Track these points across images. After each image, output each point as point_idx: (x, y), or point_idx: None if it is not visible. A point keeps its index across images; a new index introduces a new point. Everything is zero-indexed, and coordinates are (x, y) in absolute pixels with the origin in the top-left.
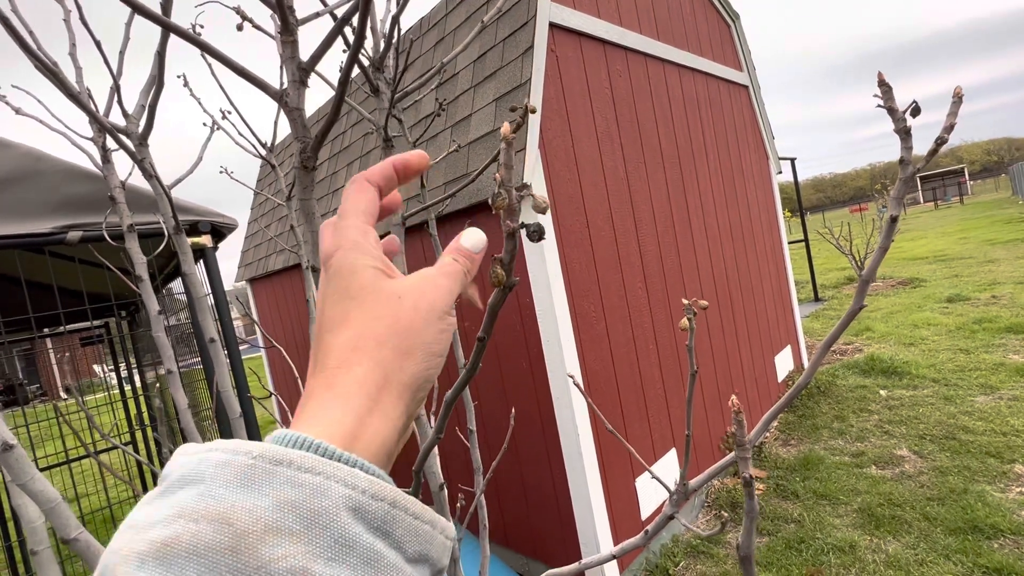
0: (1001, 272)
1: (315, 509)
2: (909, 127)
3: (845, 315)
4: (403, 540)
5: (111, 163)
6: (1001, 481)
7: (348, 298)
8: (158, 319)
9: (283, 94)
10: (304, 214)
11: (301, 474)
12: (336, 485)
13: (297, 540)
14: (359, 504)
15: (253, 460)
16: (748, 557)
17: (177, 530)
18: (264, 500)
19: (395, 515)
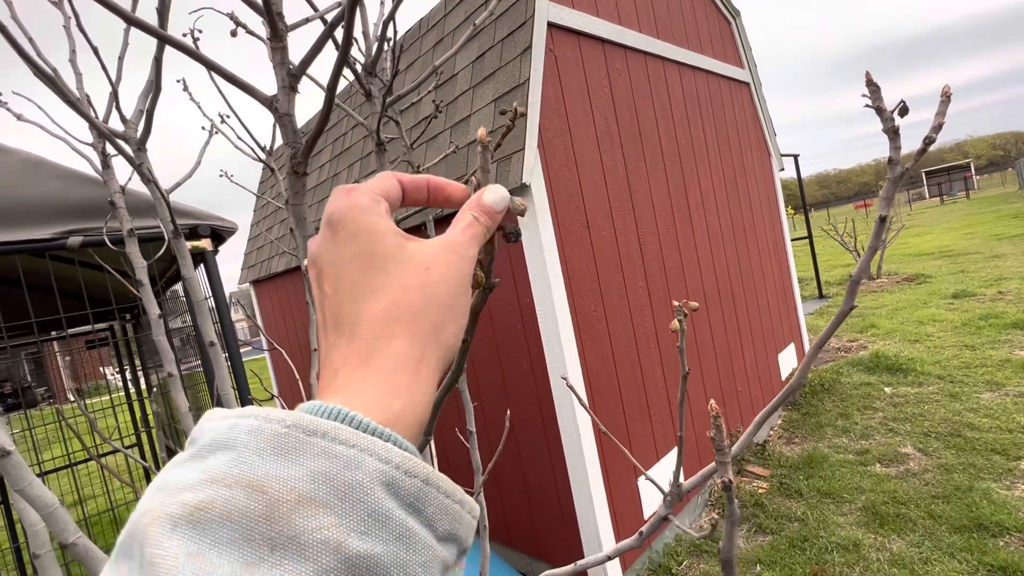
0: (1008, 267)
1: (349, 482)
2: (897, 127)
3: (835, 316)
4: (434, 518)
5: (111, 168)
6: (1007, 478)
7: (373, 265)
8: (158, 323)
9: (273, 100)
10: (296, 219)
11: (336, 446)
12: (370, 459)
13: (331, 512)
14: (393, 479)
15: (287, 429)
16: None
17: (211, 495)
18: (298, 470)
19: (428, 492)
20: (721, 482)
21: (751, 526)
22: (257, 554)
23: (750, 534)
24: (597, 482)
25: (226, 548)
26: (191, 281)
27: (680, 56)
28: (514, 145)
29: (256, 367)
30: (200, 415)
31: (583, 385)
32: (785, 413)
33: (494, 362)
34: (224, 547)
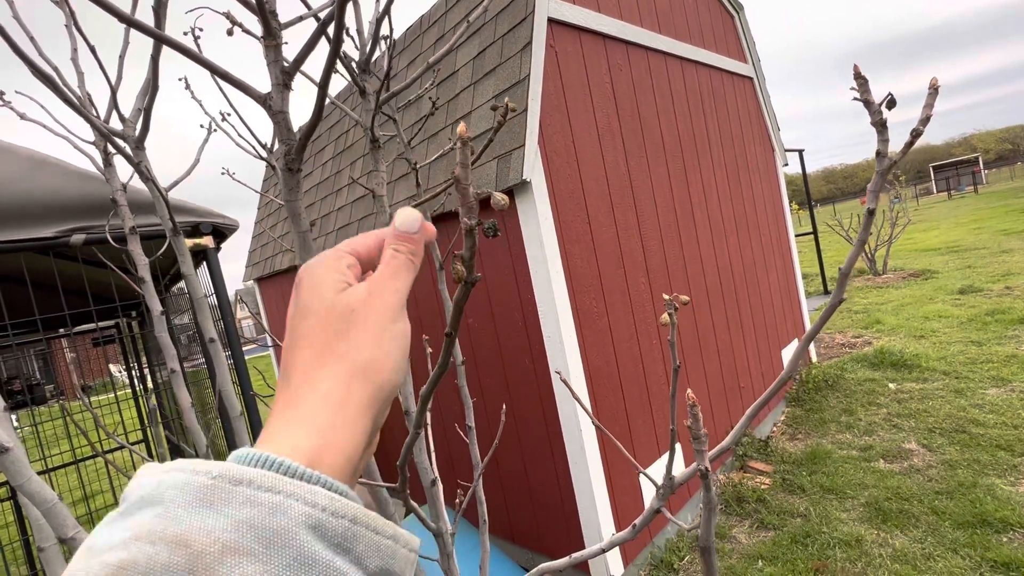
0: (1016, 263)
1: (274, 528)
2: (885, 120)
3: (825, 309)
4: (364, 556)
5: (112, 166)
6: (1011, 475)
7: (309, 313)
8: (161, 319)
9: (267, 97)
10: (291, 215)
11: (260, 493)
12: (295, 503)
13: (255, 560)
14: (319, 522)
15: (212, 480)
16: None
17: (133, 553)
18: (222, 520)
19: (356, 531)
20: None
21: (753, 522)
22: None
23: (752, 530)
24: (598, 477)
25: None
26: (191, 278)
27: (682, 51)
28: (514, 141)
29: (261, 364)
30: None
31: (584, 381)
32: (788, 409)
33: (496, 358)
34: None
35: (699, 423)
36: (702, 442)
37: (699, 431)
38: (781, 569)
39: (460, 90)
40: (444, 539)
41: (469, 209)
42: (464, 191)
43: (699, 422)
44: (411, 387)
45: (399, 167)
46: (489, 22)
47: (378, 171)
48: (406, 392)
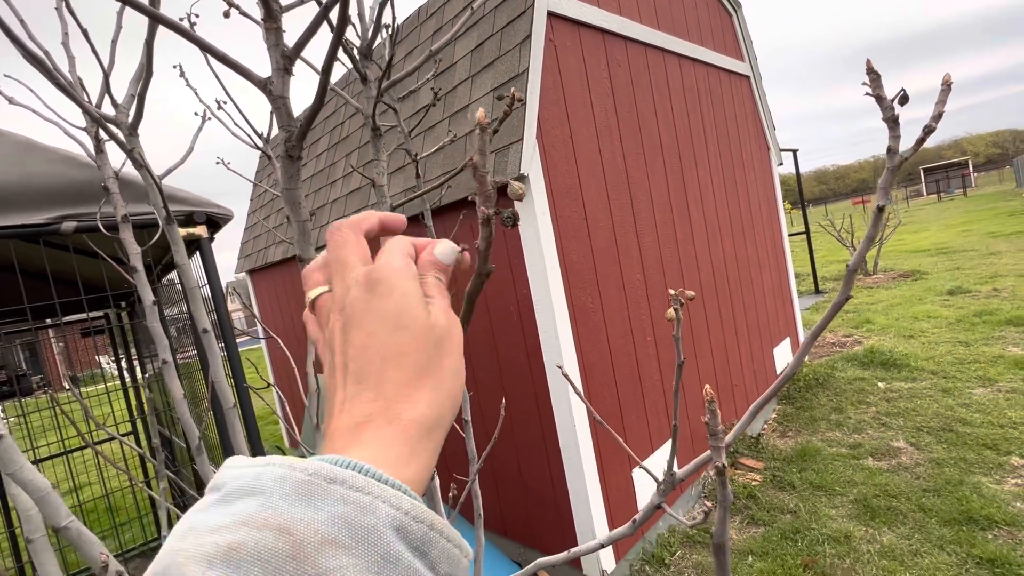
0: (1003, 265)
1: (364, 525)
2: (897, 116)
3: (832, 305)
4: (437, 561)
5: (104, 153)
6: (997, 473)
7: (402, 328)
8: (152, 309)
9: (267, 82)
10: (290, 204)
11: (352, 492)
12: (383, 505)
13: (349, 553)
14: (402, 524)
15: (309, 476)
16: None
17: (242, 536)
18: (320, 514)
19: (432, 537)
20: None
21: (744, 518)
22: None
23: (743, 526)
24: (592, 473)
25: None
26: (184, 268)
27: (680, 48)
28: (512, 135)
29: (253, 356)
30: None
31: (579, 377)
32: (779, 407)
33: (491, 353)
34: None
35: (717, 419)
36: (719, 438)
37: (717, 427)
38: (771, 564)
39: (458, 82)
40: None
41: (487, 198)
42: (482, 179)
43: (717, 418)
44: None
45: (395, 159)
46: (488, 15)
47: (379, 160)
48: None
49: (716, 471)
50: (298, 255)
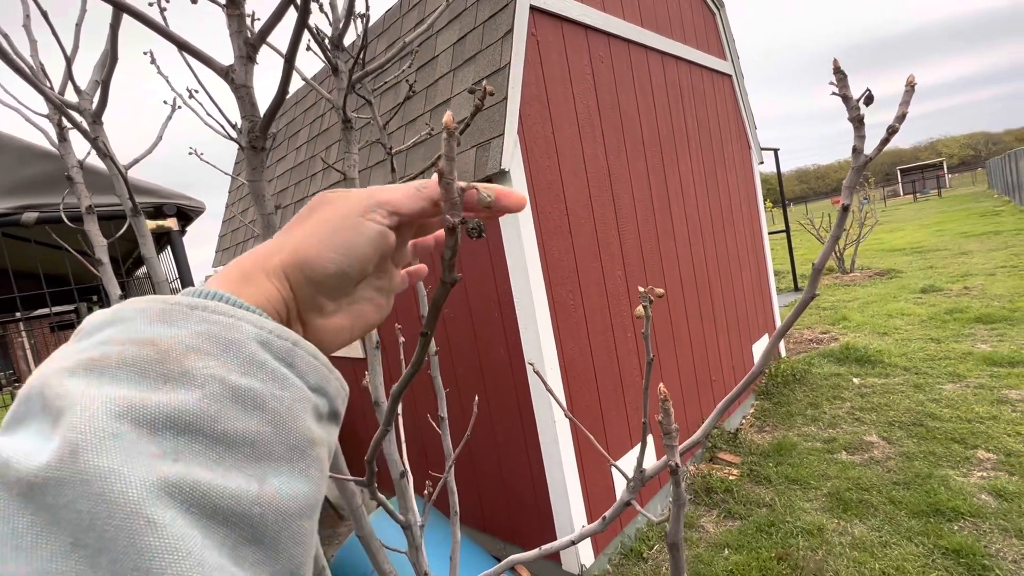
0: (974, 264)
1: (228, 339)
2: (862, 115)
3: (798, 304)
4: (305, 371)
5: (68, 141)
6: (964, 466)
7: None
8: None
9: (229, 70)
10: (255, 196)
11: (214, 315)
12: (246, 324)
13: (214, 358)
14: (266, 339)
15: (171, 306)
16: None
17: (104, 351)
18: (183, 331)
19: (297, 351)
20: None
21: (721, 512)
22: (153, 385)
23: (719, 519)
24: (571, 469)
25: (124, 382)
26: (151, 261)
27: (663, 45)
28: (493, 130)
29: None
30: None
31: (559, 373)
32: (757, 402)
33: (471, 349)
34: (122, 382)
35: (670, 418)
36: (672, 437)
37: (670, 426)
38: (746, 557)
39: (440, 76)
40: (413, 531)
41: (452, 206)
42: (448, 186)
43: (670, 417)
44: (381, 378)
45: (376, 153)
46: (470, 7)
47: (350, 153)
48: (376, 383)
49: (670, 470)
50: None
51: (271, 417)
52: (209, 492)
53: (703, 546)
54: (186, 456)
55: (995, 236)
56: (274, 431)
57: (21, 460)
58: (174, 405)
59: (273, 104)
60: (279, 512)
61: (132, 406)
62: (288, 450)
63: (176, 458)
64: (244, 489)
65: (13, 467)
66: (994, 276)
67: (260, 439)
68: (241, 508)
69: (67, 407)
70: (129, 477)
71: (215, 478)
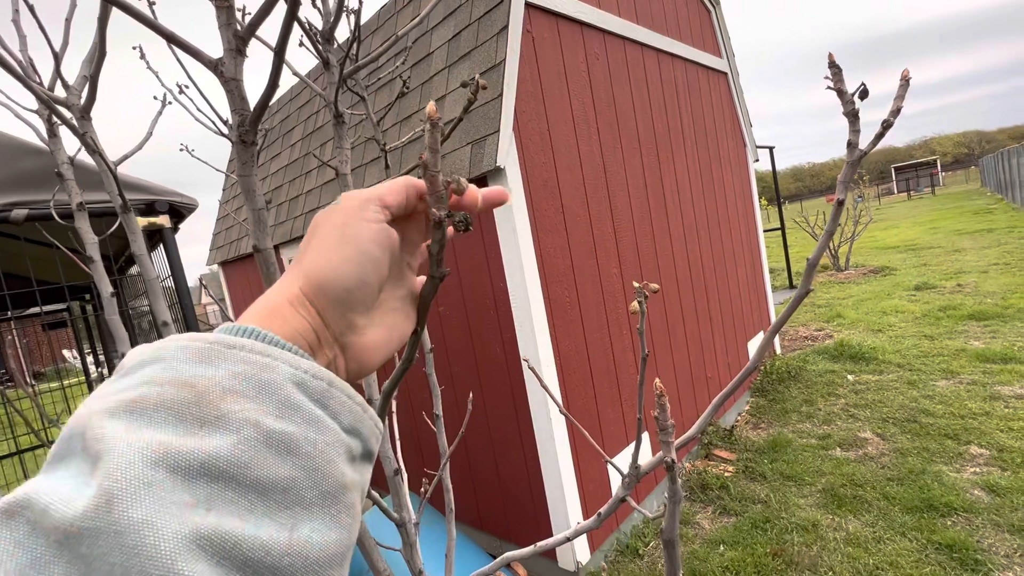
0: (967, 261)
1: (264, 380)
2: (857, 110)
3: (792, 299)
4: (338, 412)
5: (58, 137)
6: (957, 462)
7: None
8: (111, 302)
9: (219, 63)
10: (245, 192)
11: (252, 355)
12: (282, 364)
13: (250, 400)
14: (302, 380)
15: (209, 345)
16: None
17: (144, 391)
18: (221, 371)
19: (332, 392)
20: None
21: (716, 508)
22: (189, 429)
23: (715, 516)
24: (567, 466)
25: (161, 425)
26: (142, 258)
27: (659, 43)
28: (489, 127)
29: None
30: None
31: (555, 370)
32: (753, 399)
33: (467, 346)
34: (159, 425)
35: (666, 413)
36: (668, 433)
37: (666, 422)
38: (741, 553)
39: (435, 73)
40: (407, 529)
41: (438, 199)
42: (433, 179)
43: (666, 412)
44: (375, 375)
45: (371, 150)
46: (465, 3)
47: (342, 148)
48: (370, 380)
49: (666, 466)
50: (254, 244)
51: (304, 462)
52: (240, 543)
53: (699, 542)
54: (218, 505)
55: (988, 234)
56: (307, 476)
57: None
58: (208, 451)
59: (263, 98)
60: (308, 561)
61: (168, 452)
62: (320, 496)
63: (209, 507)
64: (275, 539)
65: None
66: (987, 273)
67: (293, 485)
68: (271, 559)
69: (105, 451)
70: (162, 529)
71: (246, 528)
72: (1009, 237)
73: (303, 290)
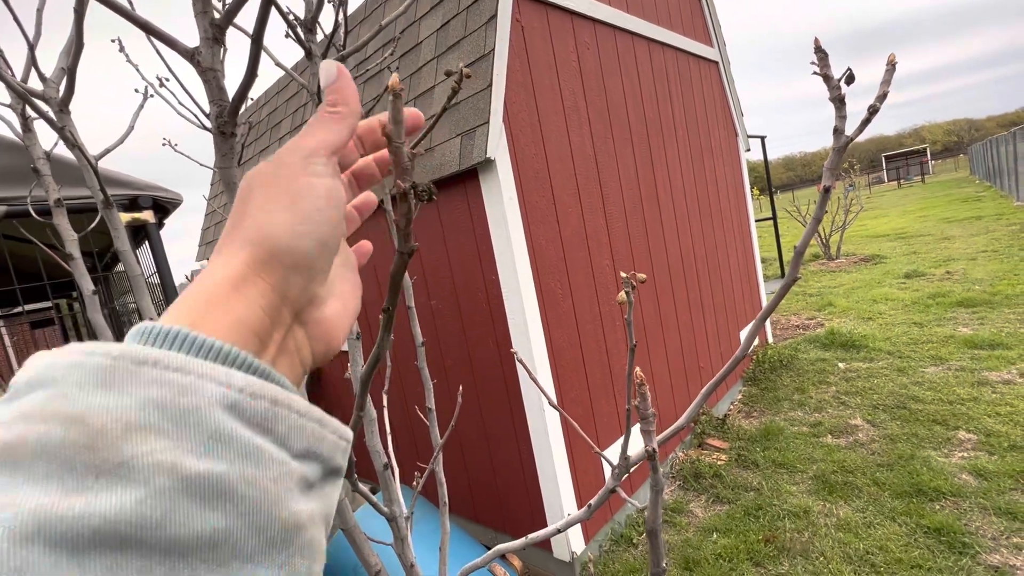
0: (956, 249)
1: (185, 407)
2: (843, 95)
3: (780, 287)
4: (287, 436)
5: (32, 132)
6: (946, 447)
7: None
8: (93, 300)
9: (195, 52)
10: (226, 184)
11: (168, 373)
12: (208, 384)
13: (164, 437)
14: (235, 402)
15: (112, 361)
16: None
17: (21, 431)
18: (126, 399)
19: (277, 412)
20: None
21: (709, 496)
22: (80, 483)
23: (708, 504)
24: (561, 457)
25: (41, 481)
26: (125, 254)
27: (649, 32)
28: (478, 118)
29: None
30: None
31: (548, 363)
32: (745, 388)
33: (459, 340)
34: (38, 481)
35: (647, 403)
36: (650, 422)
37: (647, 411)
38: (734, 540)
39: (423, 64)
40: (398, 523)
41: (404, 171)
42: (397, 150)
43: (647, 401)
44: (362, 367)
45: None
46: None
47: None
48: (357, 372)
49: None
50: None
51: (241, 507)
52: None
53: (692, 530)
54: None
55: (977, 221)
56: (245, 524)
57: None
58: (104, 512)
59: (241, 87)
60: None
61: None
62: (265, 544)
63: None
64: None
65: None
66: (975, 261)
67: (226, 538)
68: None
69: None
70: None
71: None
72: (997, 224)
73: (249, 264)
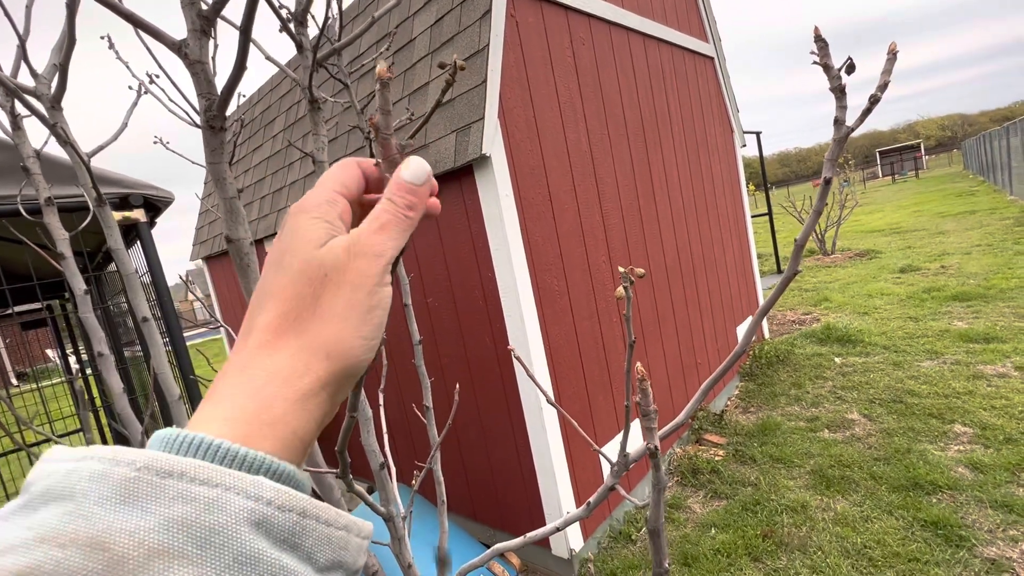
0: (950, 243)
1: (210, 526)
2: (843, 85)
3: (781, 280)
4: (314, 550)
5: (22, 130)
6: (941, 440)
7: (280, 267)
8: (84, 299)
9: (182, 45)
10: (215, 180)
11: (194, 487)
12: (235, 497)
13: (188, 563)
14: (263, 517)
15: (136, 472)
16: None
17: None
18: (149, 519)
19: (305, 525)
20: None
21: (707, 492)
22: None
23: (706, 500)
24: (559, 454)
25: None
26: (118, 252)
27: (645, 27)
28: (473, 114)
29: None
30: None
31: (545, 360)
32: (742, 384)
33: (456, 337)
34: None
35: (648, 399)
36: (651, 419)
37: (648, 407)
38: (732, 536)
39: (417, 60)
40: (395, 523)
41: (391, 163)
42: (385, 141)
43: (648, 397)
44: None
45: (355, 139)
46: None
47: (318, 135)
48: None
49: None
50: (226, 235)
51: None
52: None
53: (690, 526)
54: None
55: (970, 216)
56: None
57: None
58: None
59: (230, 80)
60: None
61: None
62: None
63: None
64: None
65: None
66: (969, 255)
67: None
68: None
69: None
70: None
71: None
72: (991, 219)
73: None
